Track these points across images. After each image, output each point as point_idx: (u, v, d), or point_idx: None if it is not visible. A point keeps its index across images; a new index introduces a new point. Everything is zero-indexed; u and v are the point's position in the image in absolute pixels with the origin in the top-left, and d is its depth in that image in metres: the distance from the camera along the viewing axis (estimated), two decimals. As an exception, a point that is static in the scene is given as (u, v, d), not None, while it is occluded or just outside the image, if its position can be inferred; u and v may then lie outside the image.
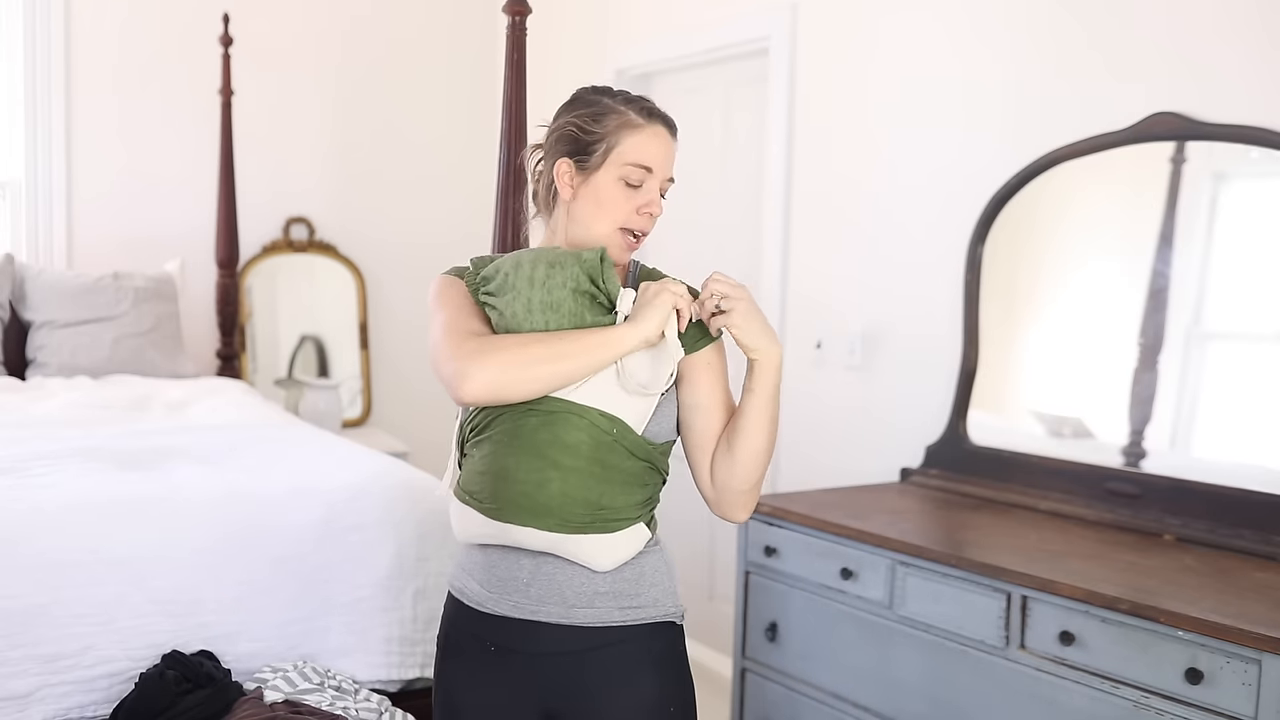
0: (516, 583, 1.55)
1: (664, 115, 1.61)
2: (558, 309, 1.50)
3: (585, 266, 1.50)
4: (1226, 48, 2.34)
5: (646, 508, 1.57)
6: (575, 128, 1.59)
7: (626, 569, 1.56)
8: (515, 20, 2.26)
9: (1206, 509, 2.28)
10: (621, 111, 1.58)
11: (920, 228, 2.98)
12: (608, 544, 1.52)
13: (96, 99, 4.08)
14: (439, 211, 4.74)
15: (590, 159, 1.57)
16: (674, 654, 1.60)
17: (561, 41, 4.36)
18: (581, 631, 1.54)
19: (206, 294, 4.22)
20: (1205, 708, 1.79)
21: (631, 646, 1.55)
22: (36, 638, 2.06)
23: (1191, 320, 2.38)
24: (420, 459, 4.23)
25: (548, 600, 1.54)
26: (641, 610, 1.56)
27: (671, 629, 1.60)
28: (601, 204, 1.57)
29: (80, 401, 3.21)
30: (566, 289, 1.49)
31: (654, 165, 1.57)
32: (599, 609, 1.54)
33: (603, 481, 1.51)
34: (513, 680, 1.57)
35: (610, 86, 1.65)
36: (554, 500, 1.50)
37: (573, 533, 1.50)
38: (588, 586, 1.54)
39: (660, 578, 1.59)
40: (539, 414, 1.50)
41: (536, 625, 1.54)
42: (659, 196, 1.59)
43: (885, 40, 3.09)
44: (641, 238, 1.60)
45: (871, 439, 3.10)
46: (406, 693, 2.41)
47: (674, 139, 1.61)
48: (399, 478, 2.61)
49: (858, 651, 2.39)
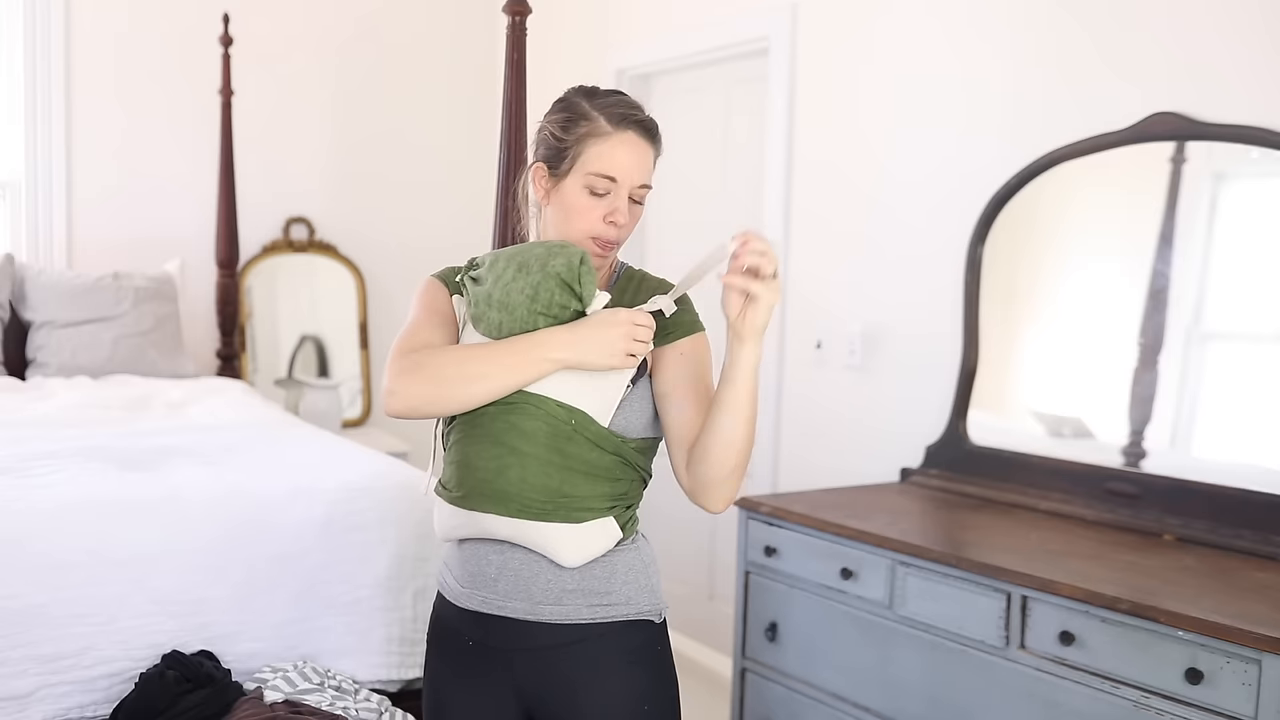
0: (484, 577, 1.56)
1: (640, 120, 1.57)
2: (512, 311, 1.51)
3: (553, 271, 1.49)
4: (1226, 48, 2.34)
5: (618, 502, 1.55)
6: (549, 133, 1.60)
7: (597, 567, 1.54)
8: (515, 20, 2.26)
9: (1206, 509, 2.28)
10: (592, 118, 1.56)
11: (920, 227, 2.98)
12: (573, 536, 1.51)
13: (96, 99, 4.08)
14: (439, 211, 4.74)
15: (560, 166, 1.58)
16: (650, 652, 1.59)
17: (561, 41, 4.36)
18: (550, 628, 1.54)
19: (206, 294, 4.22)
20: (1205, 708, 1.79)
21: (603, 644, 1.54)
22: (36, 638, 2.06)
23: (1191, 320, 2.38)
24: (420, 459, 4.23)
25: (514, 596, 1.54)
26: (612, 608, 1.55)
27: (648, 627, 1.59)
28: (568, 212, 1.58)
29: (80, 401, 3.21)
30: (524, 294, 1.50)
31: (618, 175, 1.55)
32: (566, 606, 1.53)
33: (563, 469, 1.50)
34: (490, 676, 1.57)
35: (597, 88, 1.63)
36: (512, 485, 1.50)
37: (534, 519, 1.50)
38: (555, 584, 1.53)
39: (635, 575, 1.57)
40: (498, 404, 1.51)
41: (505, 621, 1.55)
42: (626, 205, 1.57)
43: (885, 40, 3.09)
44: (612, 245, 1.58)
45: (871, 439, 3.10)
46: (406, 693, 2.42)
47: (651, 143, 1.59)
48: (399, 478, 2.61)
49: (858, 651, 2.39)
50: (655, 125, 1.60)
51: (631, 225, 1.60)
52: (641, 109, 1.60)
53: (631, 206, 1.59)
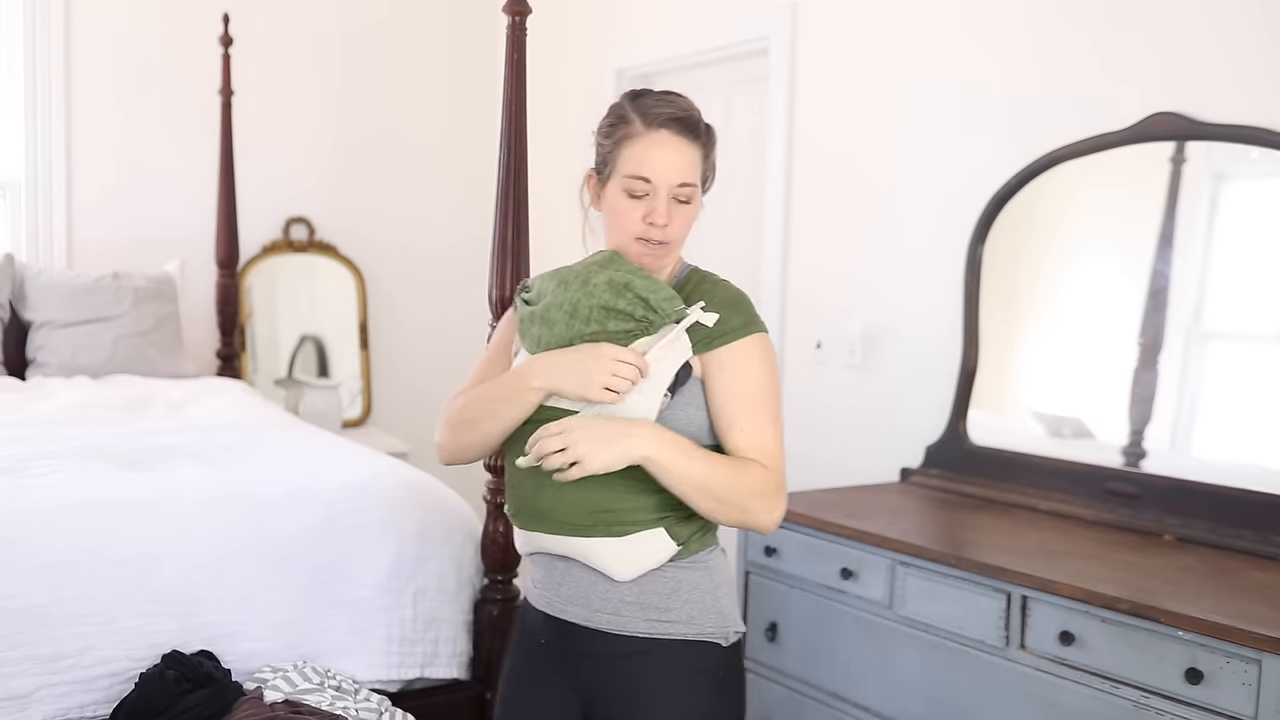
0: (551, 582, 1.59)
1: (676, 118, 1.56)
2: (552, 326, 1.54)
3: (596, 289, 1.51)
4: (1226, 48, 2.34)
5: (669, 513, 1.52)
6: (596, 140, 1.62)
7: (658, 582, 1.54)
8: (515, 20, 2.26)
9: (1206, 509, 2.28)
10: (629, 120, 1.56)
11: (920, 227, 2.98)
12: (619, 549, 1.51)
13: (96, 99, 4.08)
14: (439, 211, 4.74)
15: (604, 171, 1.60)
16: (713, 677, 1.57)
17: (561, 41, 4.36)
18: (610, 637, 1.55)
19: (206, 294, 4.22)
20: (1205, 708, 1.79)
21: (664, 661, 1.54)
22: (36, 638, 2.06)
23: (1191, 320, 2.38)
24: (420, 459, 4.22)
25: (575, 601, 1.56)
26: (672, 625, 1.54)
27: (713, 650, 1.57)
28: (613, 215, 1.59)
29: (80, 401, 3.21)
30: (563, 310, 1.53)
31: (651, 175, 1.54)
32: (624, 618, 1.54)
33: (600, 484, 1.49)
34: (557, 675, 1.60)
35: (648, 89, 1.62)
36: (549, 503, 1.52)
37: (578, 535, 1.51)
38: (613, 594, 1.54)
39: (700, 595, 1.56)
40: (532, 423, 1.54)
41: (569, 625, 1.57)
42: (665, 205, 1.55)
43: (885, 40, 3.09)
44: (660, 245, 1.57)
45: (871, 439, 3.10)
46: (406, 693, 2.42)
47: (692, 140, 1.57)
48: (399, 478, 2.61)
49: (858, 651, 2.39)
50: (695, 122, 1.57)
51: (682, 225, 1.58)
52: (682, 107, 1.58)
53: (679, 206, 1.57)
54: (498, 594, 2.49)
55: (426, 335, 4.71)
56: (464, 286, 4.64)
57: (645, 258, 1.58)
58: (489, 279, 2.36)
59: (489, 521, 2.48)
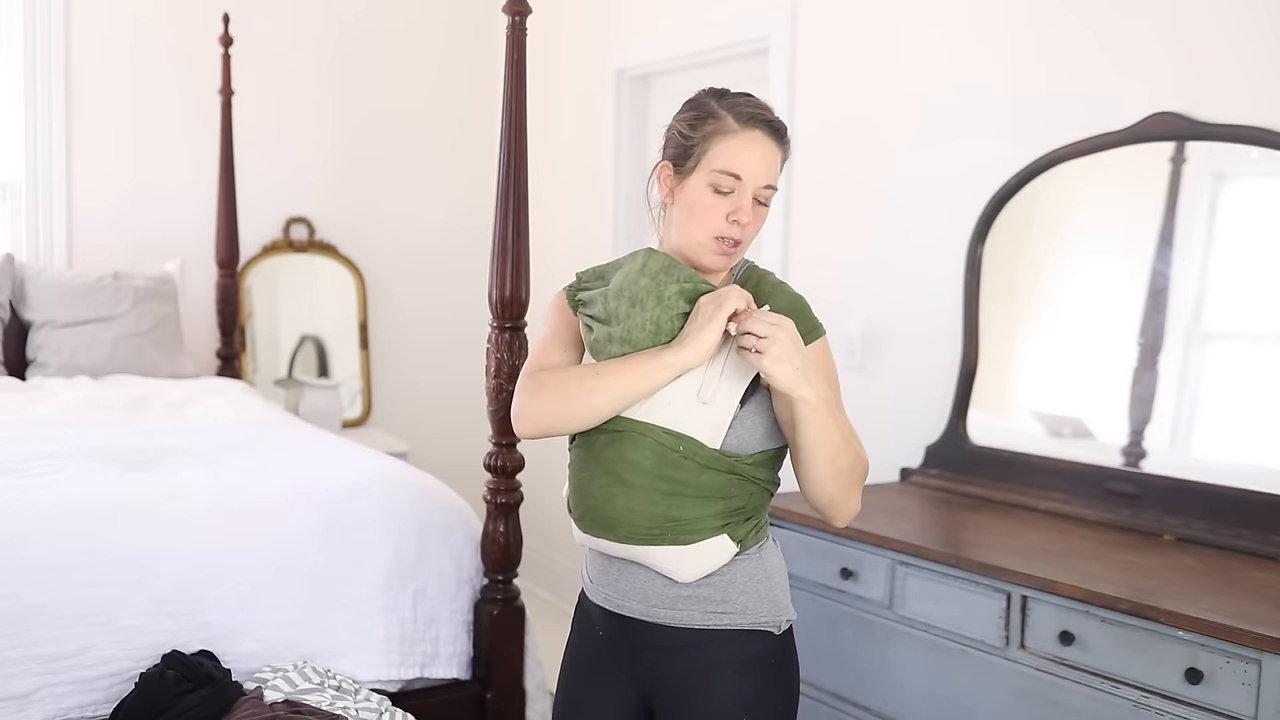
0: (609, 577, 1.61)
1: (768, 120, 1.56)
2: (637, 346, 1.53)
3: (672, 302, 1.51)
4: (1227, 48, 2.34)
5: (732, 519, 1.54)
6: (677, 131, 1.60)
7: (714, 576, 1.56)
8: (515, 20, 2.26)
9: (1206, 509, 2.28)
10: (720, 117, 1.56)
11: (920, 227, 2.98)
12: (683, 556, 1.53)
13: (96, 99, 4.08)
14: (439, 211, 4.74)
15: (686, 164, 1.58)
16: (763, 664, 1.58)
17: (561, 41, 4.36)
18: (667, 630, 1.57)
19: (206, 294, 4.23)
20: (1205, 708, 1.79)
21: (717, 650, 1.56)
22: (36, 638, 2.06)
23: (1191, 320, 2.38)
24: (420, 459, 4.23)
25: (632, 596, 1.58)
26: (728, 616, 1.56)
27: (764, 639, 1.59)
28: (692, 210, 1.57)
29: (80, 401, 3.22)
30: (646, 330, 1.51)
31: (743, 173, 1.54)
32: (681, 611, 1.56)
33: (670, 495, 1.51)
34: (614, 666, 1.63)
35: (727, 90, 1.62)
36: (619, 514, 1.53)
37: (643, 544, 1.53)
38: (670, 590, 1.56)
39: (755, 585, 1.57)
40: (607, 433, 1.55)
41: (626, 619, 1.59)
42: (749, 204, 1.55)
43: (885, 40, 3.09)
44: (736, 244, 1.57)
45: (871, 439, 3.06)
46: (406, 693, 2.42)
47: (779, 144, 1.57)
48: (399, 478, 2.61)
49: (858, 651, 2.39)
50: (784, 128, 1.59)
51: (756, 226, 1.58)
52: (770, 110, 1.59)
53: (756, 207, 1.56)
54: (497, 594, 2.50)
55: (427, 335, 4.71)
56: (465, 285, 4.65)
57: (718, 256, 1.57)
58: (489, 278, 2.36)
59: (489, 521, 2.48)
